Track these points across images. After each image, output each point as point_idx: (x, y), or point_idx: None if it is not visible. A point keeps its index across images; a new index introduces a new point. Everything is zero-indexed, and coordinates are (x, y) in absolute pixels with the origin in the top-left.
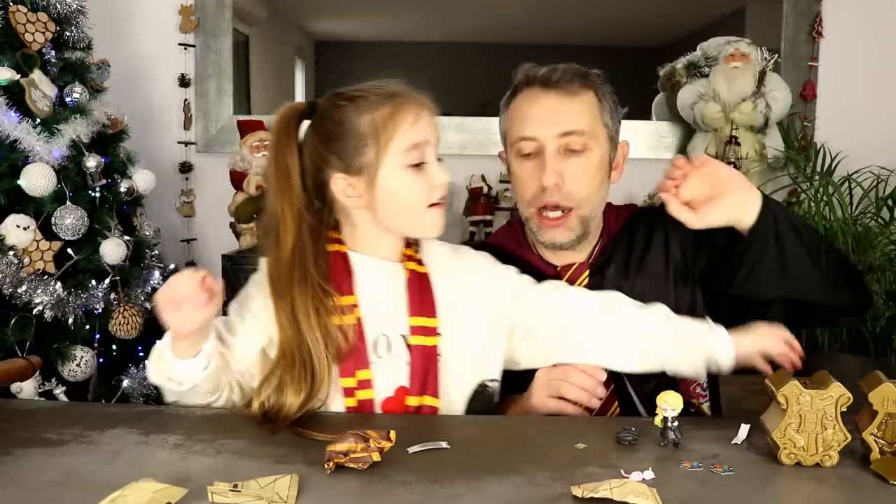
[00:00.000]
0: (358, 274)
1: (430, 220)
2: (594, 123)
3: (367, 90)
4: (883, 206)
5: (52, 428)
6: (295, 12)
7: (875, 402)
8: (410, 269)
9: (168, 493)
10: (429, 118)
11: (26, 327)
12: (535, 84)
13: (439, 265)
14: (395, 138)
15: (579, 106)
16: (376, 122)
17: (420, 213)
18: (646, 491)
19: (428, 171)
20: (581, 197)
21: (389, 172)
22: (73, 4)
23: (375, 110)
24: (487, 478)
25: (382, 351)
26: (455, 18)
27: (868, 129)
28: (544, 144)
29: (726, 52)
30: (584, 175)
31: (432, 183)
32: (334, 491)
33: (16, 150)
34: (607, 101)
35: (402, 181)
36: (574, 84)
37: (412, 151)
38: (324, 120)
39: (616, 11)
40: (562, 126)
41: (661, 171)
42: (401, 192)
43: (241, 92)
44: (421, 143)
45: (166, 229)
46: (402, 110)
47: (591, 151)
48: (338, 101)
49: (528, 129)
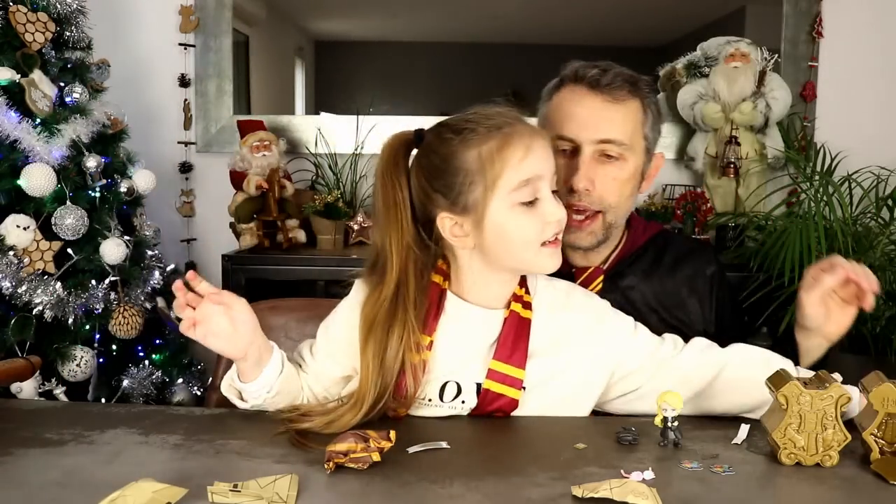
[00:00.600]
0: (448, 314)
1: (545, 259)
2: (634, 134)
3: (475, 121)
4: (883, 206)
5: (52, 428)
6: (295, 12)
7: (875, 402)
8: (513, 310)
9: (168, 493)
10: (541, 150)
11: (26, 327)
12: (583, 83)
13: (544, 312)
14: (504, 175)
15: (623, 114)
16: (483, 157)
17: (533, 253)
18: (646, 491)
19: (540, 208)
20: (610, 203)
21: (498, 211)
22: (73, 4)
23: (482, 144)
24: (487, 478)
25: (449, 397)
26: (455, 18)
27: (868, 129)
28: (581, 147)
29: (726, 52)
30: (616, 183)
31: (545, 220)
32: (334, 491)
33: (16, 150)
34: (651, 113)
35: (512, 220)
36: (622, 91)
37: (523, 189)
38: (428, 153)
39: (616, 11)
40: (602, 133)
41: (661, 171)
42: (511, 231)
43: (241, 92)
44: (532, 178)
45: (166, 229)
46: (510, 144)
47: (626, 161)
48: (444, 134)
49: (567, 129)
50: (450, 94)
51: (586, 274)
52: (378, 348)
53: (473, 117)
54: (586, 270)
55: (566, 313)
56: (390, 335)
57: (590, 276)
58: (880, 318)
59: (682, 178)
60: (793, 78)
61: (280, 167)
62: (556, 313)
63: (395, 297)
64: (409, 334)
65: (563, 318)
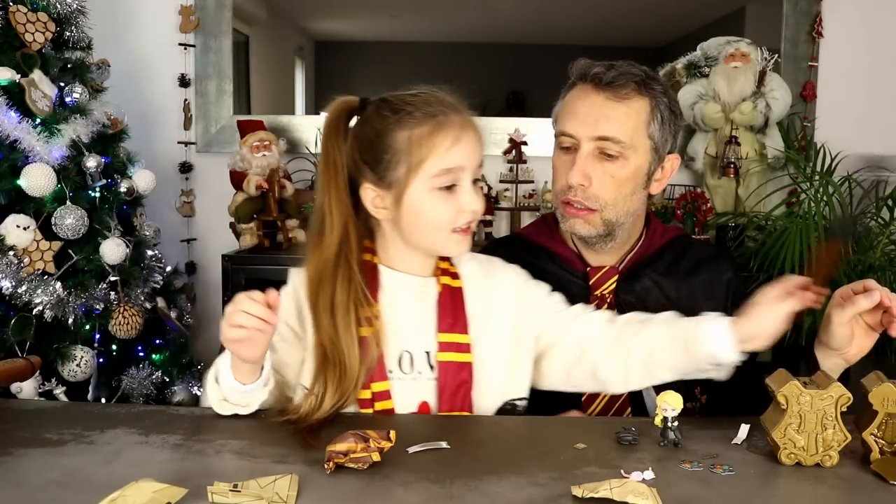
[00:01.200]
0: (385, 287)
1: (452, 244)
2: (636, 133)
3: (414, 104)
4: (883, 206)
5: (52, 428)
6: (295, 12)
7: (875, 402)
8: (444, 283)
9: (168, 493)
10: (469, 143)
11: (26, 327)
12: (589, 81)
13: (471, 279)
14: (429, 160)
15: (624, 112)
16: (412, 140)
17: (442, 237)
18: (646, 491)
19: (458, 196)
20: (606, 201)
21: (417, 192)
22: (73, 4)
23: (415, 128)
24: (487, 478)
25: (406, 367)
26: (455, 18)
27: (868, 129)
28: (580, 143)
29: (726, 52)
30: (613, 181)
31: (461, 208)
32: (334, 491)
33: (16, 150)
34: (661, 112)
35: (428, 203)
36: (627, 88)
37: (444, 176)
38: (365, 125)
39: (616, 11)
40: (599, 130)
41: None
42: (426, 213)
43: (241, 92)
44: (455, 168)
45: (166, 229)
46: (440, 132)
47: (625, 160)
48: (383, 110)
49: (568, 125)
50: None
51: (600, 273)
52: (326, 300)
53: (414, 100)
54: (600, 270)
55: (491, 280)
56: (338, 289)
57: (604, 275)
58: None
59: (682, 178)
60: (793, 78)
61: (280, 167)
62: (482, 280)
63: (337, 256)
64: (357, 294)
65: (490, 285)
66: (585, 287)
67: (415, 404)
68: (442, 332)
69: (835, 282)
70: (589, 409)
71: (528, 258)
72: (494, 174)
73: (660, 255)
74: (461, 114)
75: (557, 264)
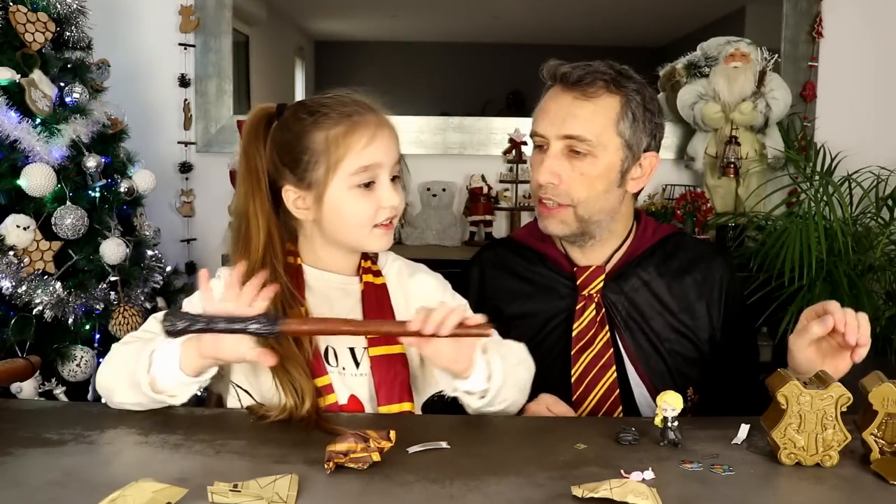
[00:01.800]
0: (310, 286)
1: (375, 239)
2: (604, 131)
3: (330, 105)
4: (883, 206)
5: (52, 428)
6: (295, 12)
7: (875, 402)
8: (367, 281)
9: (168, 493)
10: (385, 140)
11: (26, 327)
12: (558, 82)
13: (394, 277)
14: (346, 159)
15: (592, 111)
16: (329, 140)
17: (365, 233)
18: (646, 491)
19: (377, 193)
20: (578, 198)
21: (337, 191)
22: (73, 4)
23: (331, 128)
24: (487, 478)
25: (332, 361)
26: (455, 18)
27: (868, 129)
28: (549, 142)
29: (726, 52)
30: (583, 178)
31: (380, 204)
32: (334, 491)
33: (16, 150)
34: (633, 110)
35: (348, 201)
36: (595, 86)
37: (362, 173)
38: (283, 129)
39: (616, 11)
40: (565, 129)
41: (661, 171)
42: (346, 211)
43: (241, 92)
44: (372, 165)
45: (166, 229)
46: (356, 131)
47: (594, 158)
48: (300, 113)
49: (538, 125)
50: (450, 94)
51: (587, 273)
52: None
53: (329, 102)
54: (587, 270)
55: (412, 280)
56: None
57: (591, 275)
58: (880, 318)
59: (682, 178)
60: (793, 78)
61: None
62: (405, 279)
63: (264, 257)
64: (285, 295)
65: (411, 284)
66: (573, 288)
67: (345, 398)
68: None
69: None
70: (580, 410)
71: (518, 259)
72: (494, 174)
73: (650, 254)
74: (376, 113)
75: (546, 265)
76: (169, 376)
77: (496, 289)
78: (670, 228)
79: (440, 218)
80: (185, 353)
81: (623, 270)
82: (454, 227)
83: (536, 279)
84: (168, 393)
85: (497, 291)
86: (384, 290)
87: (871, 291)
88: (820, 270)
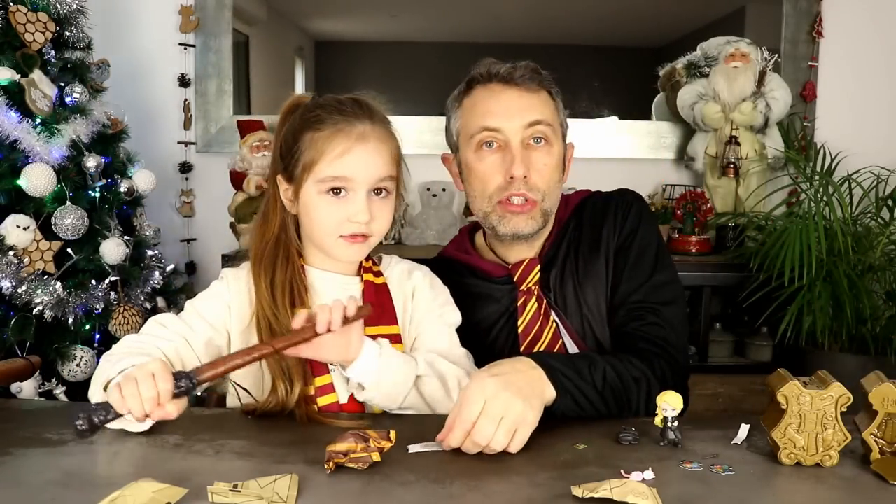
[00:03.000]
0: (311, 285)
1: (340, 249)
2: (553, 117)
3: (329, 108)
4: (883, 206)
5: (52, 428)
6: (295, 12)
7: (875, 402)
8: (367, 280)
9: (168, 493)
10: (363, 156)
11: (26, 327)
12: (495, 80)
13: (395, 278)
14: (318, 163)
15: (539, 101)
16: (312, 141)
17: (329, 240)
18: (646, 491)
19: (347, 205)
20: (545, 190)
21: (309, 192)
22: (73, 4)
23: (318, 131)
24: (487, 478)
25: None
26: (455, 18)
27: (868, 129)
28: (509, 137)
29: (726, 52)
30: (546, 168)
31: (348, 217)
32: (334, 491)
33: (16, 150)
34: (559, 102)
35: (317, 205)
36: (533, 83)
37: (330, 181)
38: (291, 122)
39: (616, 11)
40: (527, 117)
41: (661, 171)
42: (314, 214)
43: (241, 92)
44: (341, 177)
45: (166, 229)
46: (334, 139)
47: (552, 146)
48: (308, 110)
49: (491, 121)
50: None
51: (522, 268)
52: (266, 277)
53: (332, 105)
54: (521, 265)
55: (411, 279)
56: (278, 268)
57: (525, 269)
58: (880, 318)
59: (682, 178)
60: (793, 78)
61: None
62: (404, 281)
63: (278, 238)
64: (295, 276)
65: (410, 284)
66: (511, 289)
67: (345, 396)
68: (369, 325)
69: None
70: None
71: (454, 277)
72: None
73: (567, 227)
74: (371, 125)
75: (479, 277)
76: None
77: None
78: (580, 195)
79: (440, 218)
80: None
81: (550, 255)
82: (454, 228)
83: (473, 290)
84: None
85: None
86: (385, 289)
87: (871, 291)
88: (820, 270)
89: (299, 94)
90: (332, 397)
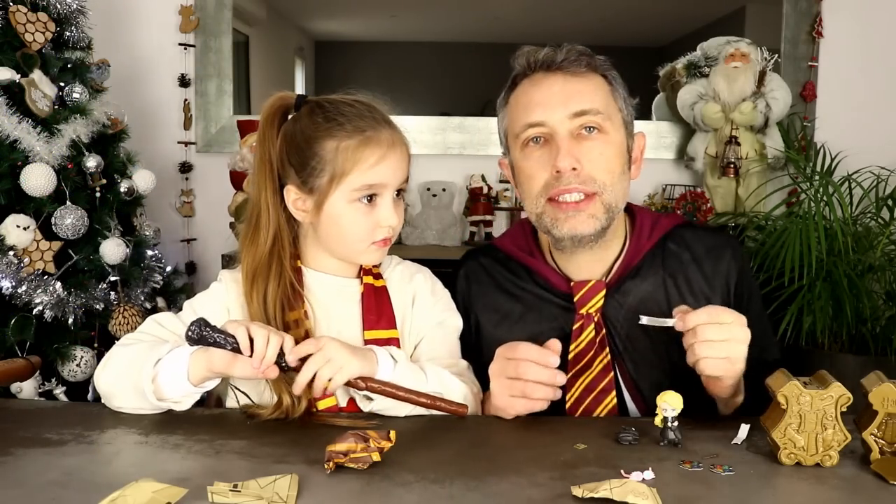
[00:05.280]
0: (309, 288)
1: (369, 254)
2: (608, 105)
3: (346, 114)
4: (883, 206)
5: (52, 428)
6: (295, 12)
7: (875, 402)
8: (367, 283)
9: (168, 493)
10: (395, 161)
11: (26, 327)
12: (538, 69)
13: (395, 280)
14: (352, 174)
15: (589, 86)
16: (339, 151)
17: (360, 247)
18: (646, 491)
19: (378, 210)
20: (604, 182)
21: (338, 203)
22: (73, 4)
23: (343, 140)
24: (487, 478)
25: None
26: (455, 18)
27: (868, 129)
28: (555, 129)
29: (726, 52)
30: (603, 158)
31: (378, 223)
32: (334, 491)
33: (16, 150)
34: (618, 85)
35: (348, 215)
36: (580, 65)
37: (365, 190)
38: (296, 127)
39: (616, 11)
40: (573, 105)
41: (661, 171)
42: (344, 224)
43: (241, 92)
44: (377, 185)
45: (166, 229)
46: (367, 148)
47: (607, 134)
48: (316, 116)
49: (534, 115)
50: (450, 94)
51: (585, 289)
52: (259, 293)
53: (347, 111)
54: (585, 285)
55: (412, 282)
56: (270, 284)
57: (589, 291)
58: (880, 318)
59: (682, 178)
60: (793, 78)
61: None
62: (405, 285)
63: (271, 253)
64: (286, 290)
65: (410, 287)
66: (569, 307)
67: (344, 400)
68: (367, 329)
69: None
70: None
71: (508, 275)
72: (494, 174)
73: (650, 258)
74: (392, 130)
75: (536, 283)
76: (176, 386)
77: (483, 306)
78: (669, 222)
79: (440, 218)
80: (194, 366)
81: (623, 282)
82: (454, 227)
83: (527, 298)
84: (172, 400)
85: (483, 309)
86: (384, 292)
87: (871, 291)
88: (820, 270)
89: (281, 95)
90: (331, 401)
